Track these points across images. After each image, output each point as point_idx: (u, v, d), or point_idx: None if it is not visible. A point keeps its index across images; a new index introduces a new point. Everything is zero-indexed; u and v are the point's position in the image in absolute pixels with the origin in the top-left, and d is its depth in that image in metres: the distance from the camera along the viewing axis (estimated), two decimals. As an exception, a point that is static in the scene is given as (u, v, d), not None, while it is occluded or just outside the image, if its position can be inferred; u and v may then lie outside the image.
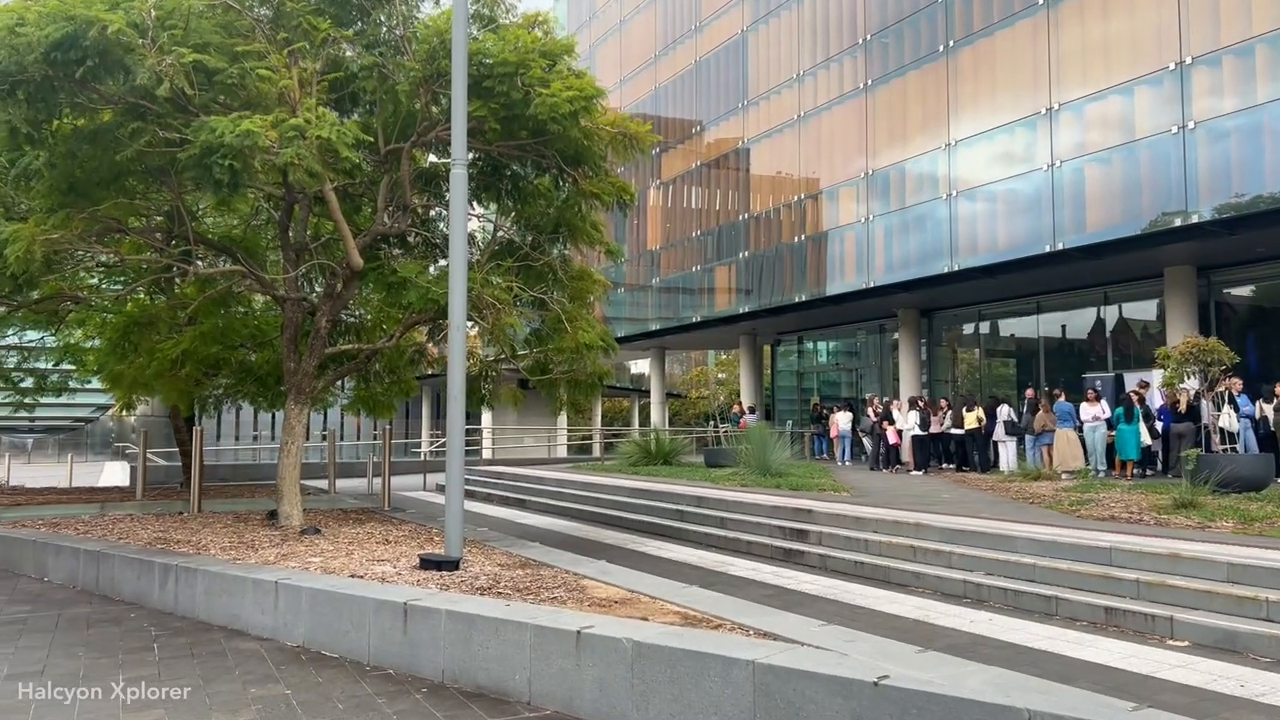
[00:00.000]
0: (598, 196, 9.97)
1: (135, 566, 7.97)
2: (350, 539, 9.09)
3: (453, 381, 7.43)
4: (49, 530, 10.16)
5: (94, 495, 16.27)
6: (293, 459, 10.16)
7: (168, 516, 11.48)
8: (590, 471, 19.05)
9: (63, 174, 8.13)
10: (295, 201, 10.69)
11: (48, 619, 7.26)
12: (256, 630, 6.72)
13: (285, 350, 10.51)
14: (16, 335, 16.04)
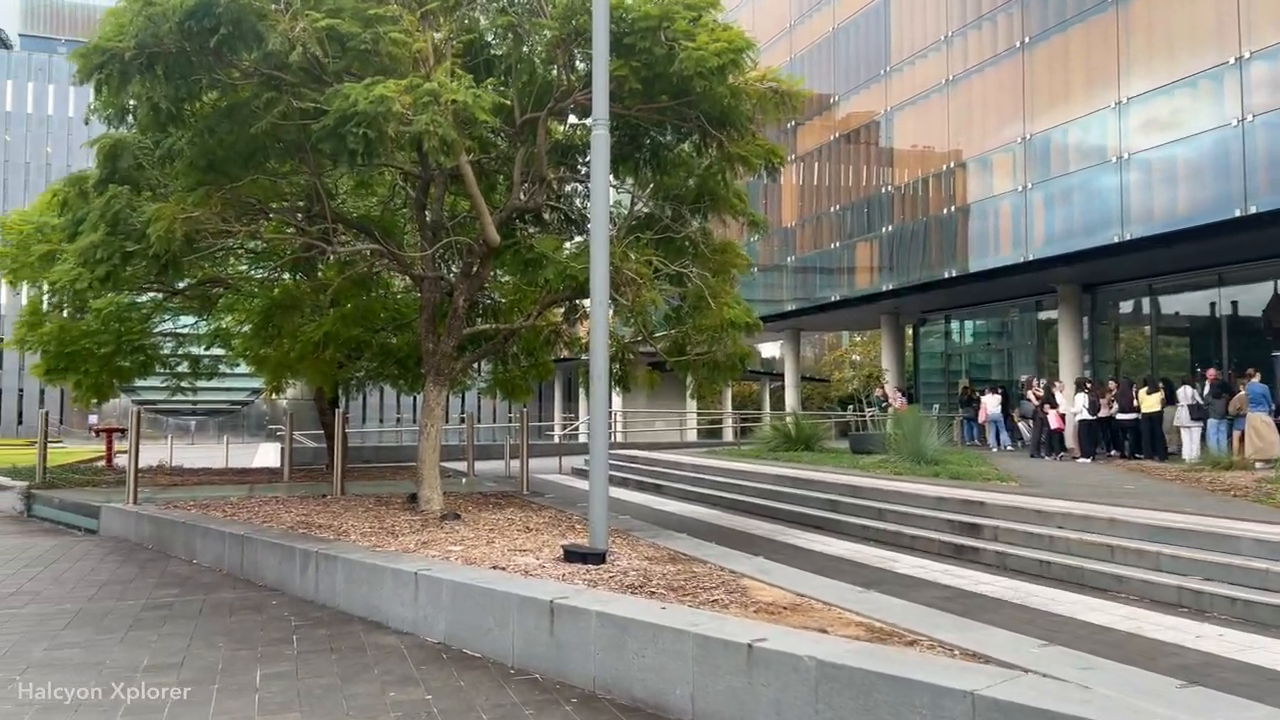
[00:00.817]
0: (745, 159, 9.23)
1: (277, 552, 7.79)
2: (490, 525, 8.71)
3: (595, 361, 6.87)
4: (199, 512, 10.24)
5: (245, 476, 16.68)
6: (432, 442, 9.88)
7: (311, 499, 11.46)
8: (728, 457, 18.36)
9: (201, 151, 8.00)
10: (431, 179, 10.39)
11: (192, 605, 7.12)
12: (396, 623, 6.36)
13: (423, 331, 10.24)
14: (171, 321, 16.55)
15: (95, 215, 8.12)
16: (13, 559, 9.26)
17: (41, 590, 7.65)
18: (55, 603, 7.18)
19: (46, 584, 7.94)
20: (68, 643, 5.95)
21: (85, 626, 6.39)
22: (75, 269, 8.19)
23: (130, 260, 8.17)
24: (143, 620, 6.57)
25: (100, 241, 7.96)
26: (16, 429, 64.18)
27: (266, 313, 11.42)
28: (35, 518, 12.99)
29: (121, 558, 9.32)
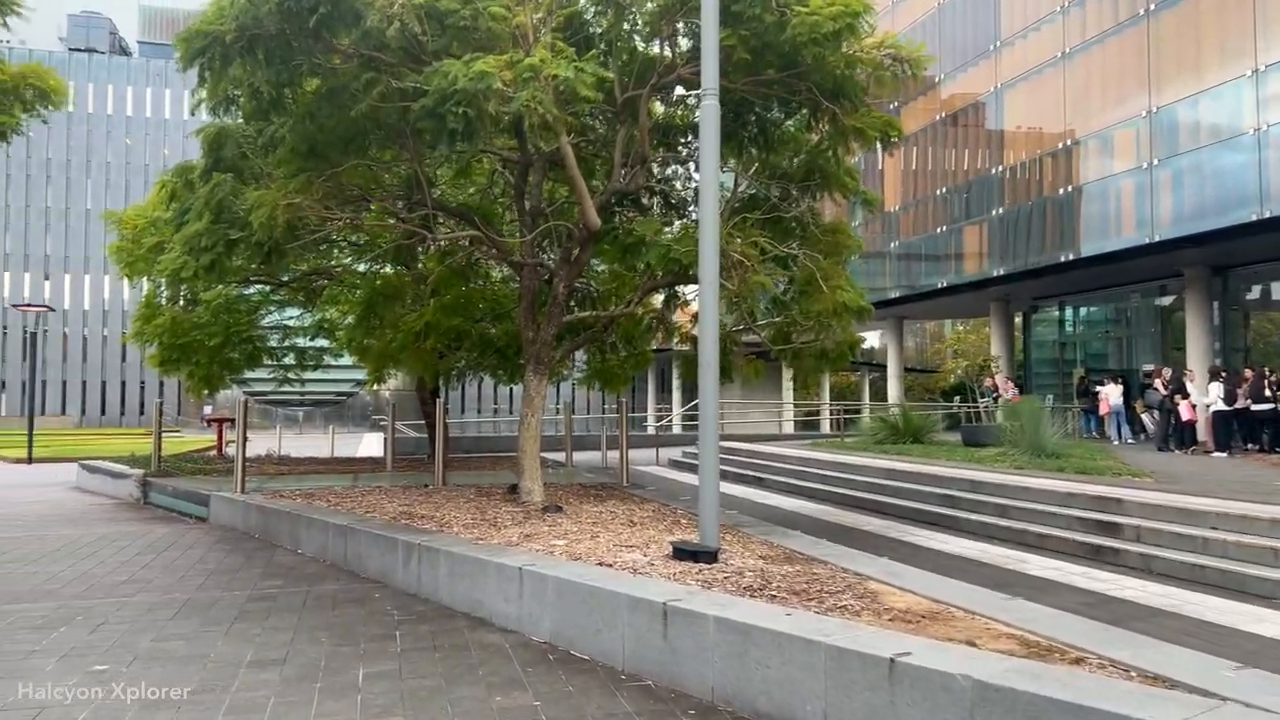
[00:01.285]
0: (861, 132, 8.67)
1: (380, 543, 7.65)
2: (593, 519, 8.42)
3: (705, 347, 6.47)
4: (303, 501, 10.25)
5: (350, 466, 16.87)
6: (533, 432, 9.66)
7: (414, 489, 11.41)
8: (831, 449, 17.73)
9: (302, 137, 7.91)
10: (530, 164, 10.15)
11: (296, 596, 7.03)
12: (500, 620, 6.10)
13: (523, 319, 10.02)
14: (277, 313, 16.84)
15: (200, 204, 8.12)
16: (128, 545, 9.41)
17: (152, 579, 7.69)
18: (164, 591, 7.18)
19: (157, 572, 7.98)
20: (174, 634, 5.88)
21: (192, 617, 6.33)
22: (181, 257, 8.23)
23: (234, 248, 8.15)
24: (248, 612, 6.49)
25: (205, 230, 7.96)
26: (138, 419, 67.49)
27: (369, 302, 11.40)
28: (151, 505, 13.33)
29: (229, 546, 9.38)
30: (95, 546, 9.35)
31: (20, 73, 9.55)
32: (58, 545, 9.44)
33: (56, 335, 67.51)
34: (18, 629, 5.97)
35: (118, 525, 11.15)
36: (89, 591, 7.16)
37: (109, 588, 7.31)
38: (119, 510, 12.93)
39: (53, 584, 7.44)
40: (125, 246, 14.81)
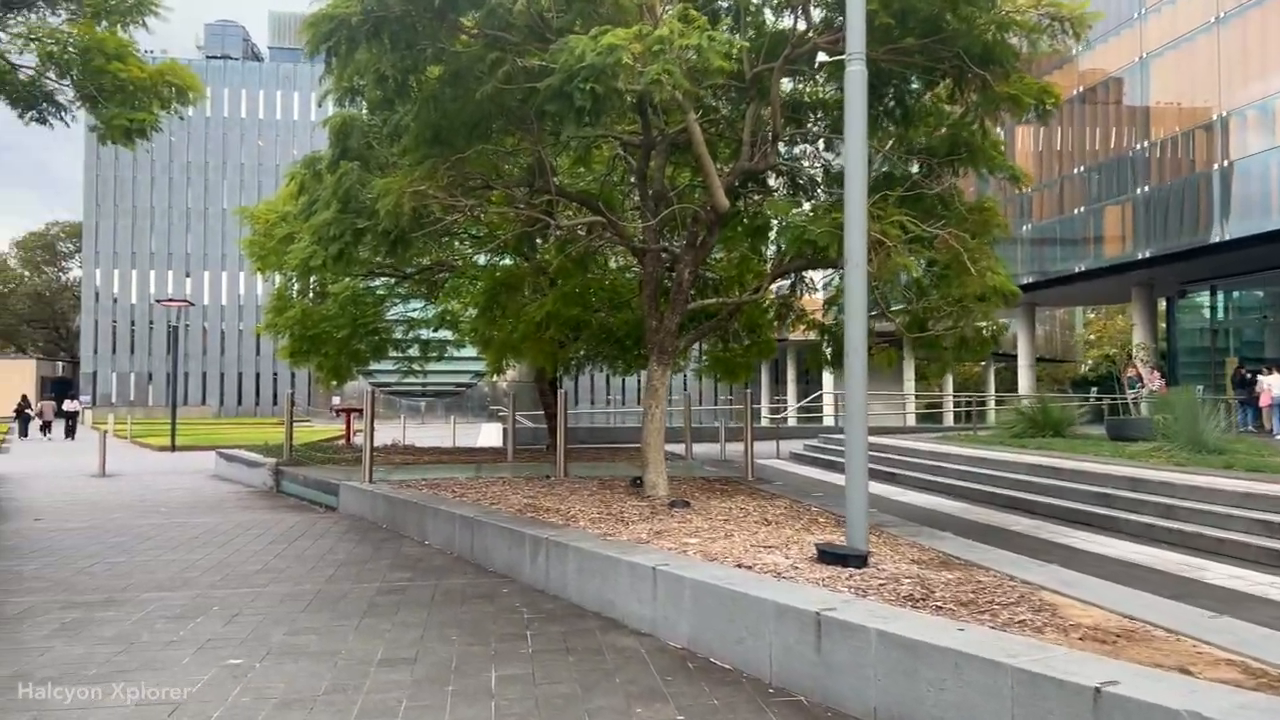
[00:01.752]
0: (1015, 100, 8.00)
1: (506, 537, 7.46)
2: (724, 515, 8.04)
3: (852, 333, 5.99)
4: (429, 492, 10.22)
5: (472, 456, 16.98)
6: (657, 424, 9.34)
7: (536, 481, 11.27)
8: (966, 443, 16.83)
9: (426, 123, 7.78)
10: (653, 146, 9.82)
11: (425, 590, 6.90)
12: (634, 622, 5.79)
13: (645, 308, 9.71)
14: (402, 305, 17.08)
15: (328, 193, 8.11)
16: (262, 534, 9.55)
17: (285, 569, 7.71)
18: (296, 582, 7.17)
19: (289, 562, 8.02)
20: (306, 627, 5.80)
21: (323, 610, 6.25)
22: (310, 247, 8.24)
23: (361, 238, 8.11)
24: (377, 606, 6.38)
25: (332, 219, 7.94)
26: (272, 409, 70.70)
27: (491, 292, 11.31)
28: (283, 493, 13.65)
29: (358, 537, 9.40)
30: (231, 534, 9.52)
31: (158, 71, 9.78)
32: (196, 533, 9.65)
33: (197, 330, 71.34)
34: (157, 618, 6.00)
35: (252, 513, 11.39)
36: (225, 581, 7.21)
37: (244, 577, 7.35)
38: (253, 498, 13.28)
39: (191, 572, 7.54)
40: (257, 241, 15.22)
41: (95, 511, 11.51)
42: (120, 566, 7.74)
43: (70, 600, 6.49)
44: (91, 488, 14.89)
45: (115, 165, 70.95)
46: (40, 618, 6.03)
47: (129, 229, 71.58)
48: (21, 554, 8.42)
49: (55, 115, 11.36)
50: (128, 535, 9.44)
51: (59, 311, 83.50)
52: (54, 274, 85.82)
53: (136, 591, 6.79)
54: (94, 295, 71.72)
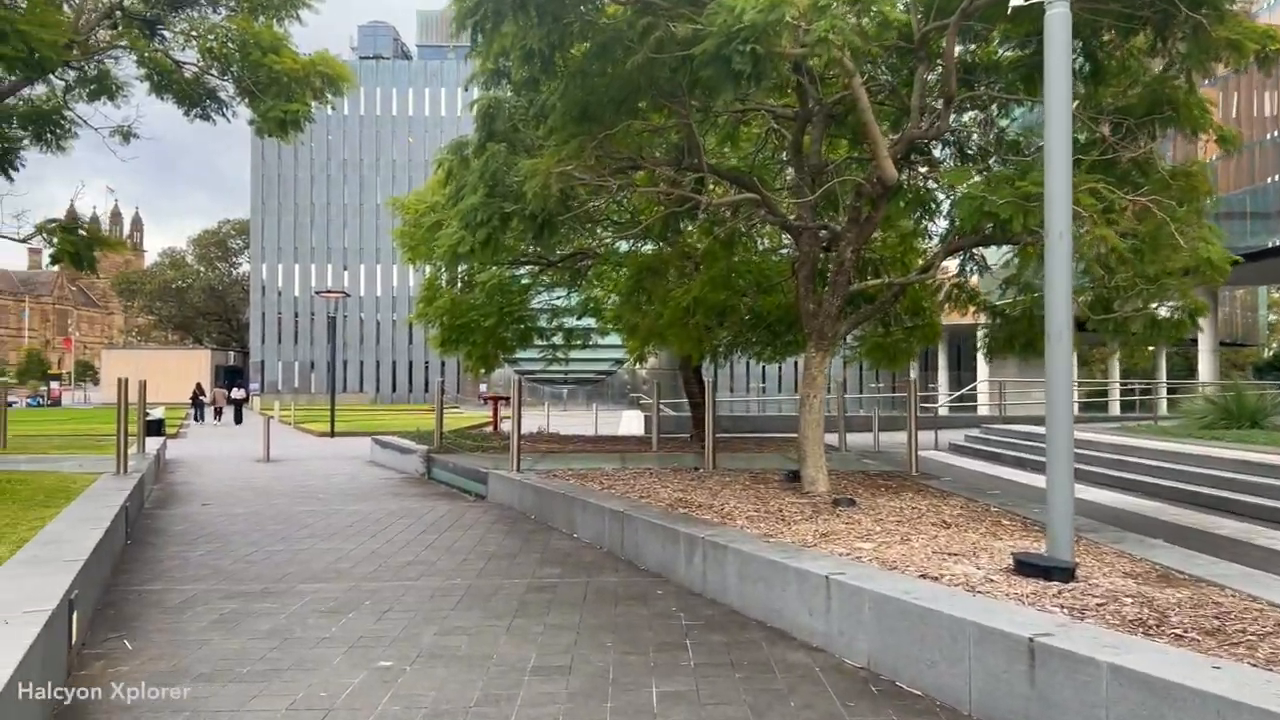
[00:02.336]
0: (1236, 45, 6.96)
1: (659, 534, 7.06)
2: (895, 516, 7.38)
3: (1054, 313, 5.25)
4: (576, 482, 9.97)
5: (615, 445, 16.77)
6: (815, 415, 8.74)
7: (684, 473, 10.86)
8: (1149, 434, 15.39)
9: (573, 100, 7.44)
10: (809, 118, 9.20)
11: (576, 588, 6.58)
12: (803, 635, 5.27)
13: (801, 290, 9.10)
14: (546, 293, 17.03)
15: (474, 177, 7.90)
16: (413, 523, 9.52)
17: (435, 561, 7.56)
18: (446, 576, 6.99)
19: (440, 554, 7.88)
20: (456, 627, 5.55)
21: (473, 608, 6.01)
22: (458, 233, 8.06)
23: (508, 222, 7.87)
24: (527, 605, 6.09)
25: (479, 203, 7.72)
26: (423, 395, 73.41)
27: (636, 277, 10.94)
28: (434, 480, 13.76)
29: (507, 528, 9.23)
30: (384, 523, 9.52)
31: (310, 62, 9.88)
32: (350, 521, 9.72)
33: (354, 320, 74.79)
34: (310, 612, 5.89)
35: (403, 501, 11.46)
36: (377, 573, 7.10)
37: (395, 569, 7.24)
38: (405, 485, 13.43)
39: (344, 563, 7.49)
40: (407, 231, 15.42)
41: (258, 497, 11.85)
42: (278, 555, 7.78)
43: (230, 590, 6.50)
44: (256, 473, 15.48)
45: (279, 164, 75.10)
46: (201, 607, 6.03)
47: (291, 225, 75.67)
48: (189, 539, 8.63)
49: (217, 111, 11.74)
50: (286, 523, 9.59)
51: (230, 304, 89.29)
52: (226, 269, 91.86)
53: (292, 582, 6.75)
54: (261, 288, 76.27)
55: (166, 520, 9.83)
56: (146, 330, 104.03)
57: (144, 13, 10.11)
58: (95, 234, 11.24)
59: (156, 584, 6.73)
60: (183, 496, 12.07)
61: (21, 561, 5.37)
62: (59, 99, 11.40)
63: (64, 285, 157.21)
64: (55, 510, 7.61)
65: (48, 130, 11.59)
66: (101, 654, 5.01)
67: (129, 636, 5.33)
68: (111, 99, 11.66)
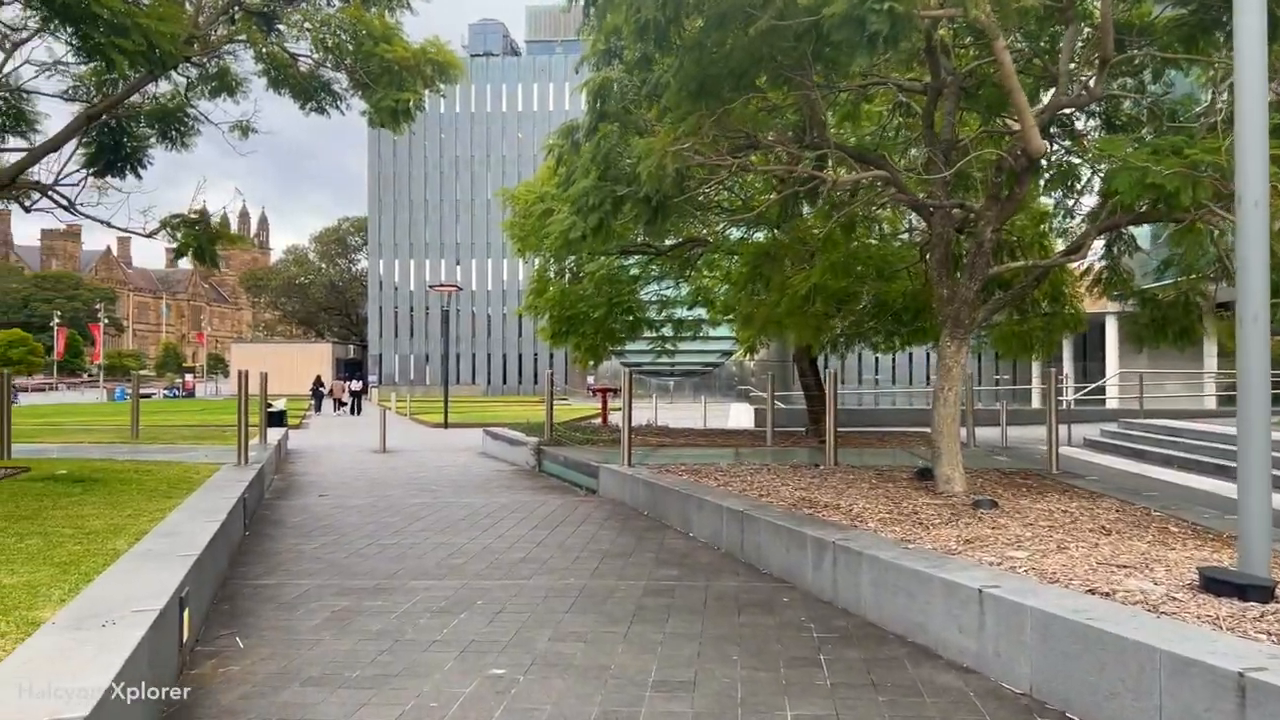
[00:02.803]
0: None
1: (783, 536, 6.61)
2: (1045, 520, 6.72)
3: (1248, 295, 4.56)
4: (691, 479, 9.59)
5: (727, 439, 16.31)
6: (950, 408, 8.11)
7: (804, 469, 10.35)
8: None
9: (688, 75, 7.02)
10: (941, 89, 8.54)
11: (695, 593, 6.19)
12: (951, 653, 4.75)
13: (934, 275, 8.47)
14: (657, 284, 16.70)
15: (586, 160, 7.59)
16: (525, 518, 9.31)
17: (548, 559, 7.30)
18: (560, 575, 6.71)
19: (552, 551, 7.62)
20: (571, 632, 5.24)
21: (588, 612, 5.69)
22: (569, 219, 7.77)
23: (620, 206, 7.52)
24: (645, 610, 5.74)
25: (591, 187, 7.40)
26: (533, 387, 74.41)
27: (753, 264, 10.45)
28: (544, 473, 13.61)
29: (619, 524, 8.92)
30: (496, 518, 9.35)
31: (421, 49, 9.76)
32: (463, 514, 9.58)
33: (467, 314, 76.33)
34: (422, 611, 5.68)
35: (515, 494, 11.31)
36: (489, 570, 6.88)
37: (508, 567, 7.00)
38: (516, 478, 13.32)
39: (457, 558, 7.31)
40: (516, 222, 15.32)
41: (374, 489, 11.90)
42: (391, 550, 7.66)
43: (343, 586, 6.37)
44: (372, 464, 15.67)
45: (394, 163, 77.24)
46: (314, 604, 5.90)
47: (406, 221, 77.72)
48: (306, 531, 8.63)
49: (331, 105, 11.79)
50: (400, 515, 9.52)
51: (350, 299, 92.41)
52: (345, 265, 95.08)
53: (405, 579, 6.59)
54: (378, 284, 78.61)
55: (284, 511, 9.91)
56: (273, 325, 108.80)
57: (261, 7, 10.17)
58: (216, 229, 11.44)
59: (272, 578, 6.67)
60: (301, 487, 12.23)
61: (138, 555, 5.31)
62: (182, 97, 11.64)
63: (198, 283, 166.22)
64: (176, 501, 7.67)
65: (172, 128, 11.86)
66: (214, 652, 4.89)
67: (241, 634, 5.22)
68: (231, 95, 11.85)
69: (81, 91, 10.83)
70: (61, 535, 5.98)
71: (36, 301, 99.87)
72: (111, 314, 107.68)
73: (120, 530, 6.20)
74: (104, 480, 8.91)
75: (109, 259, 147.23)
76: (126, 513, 6.99)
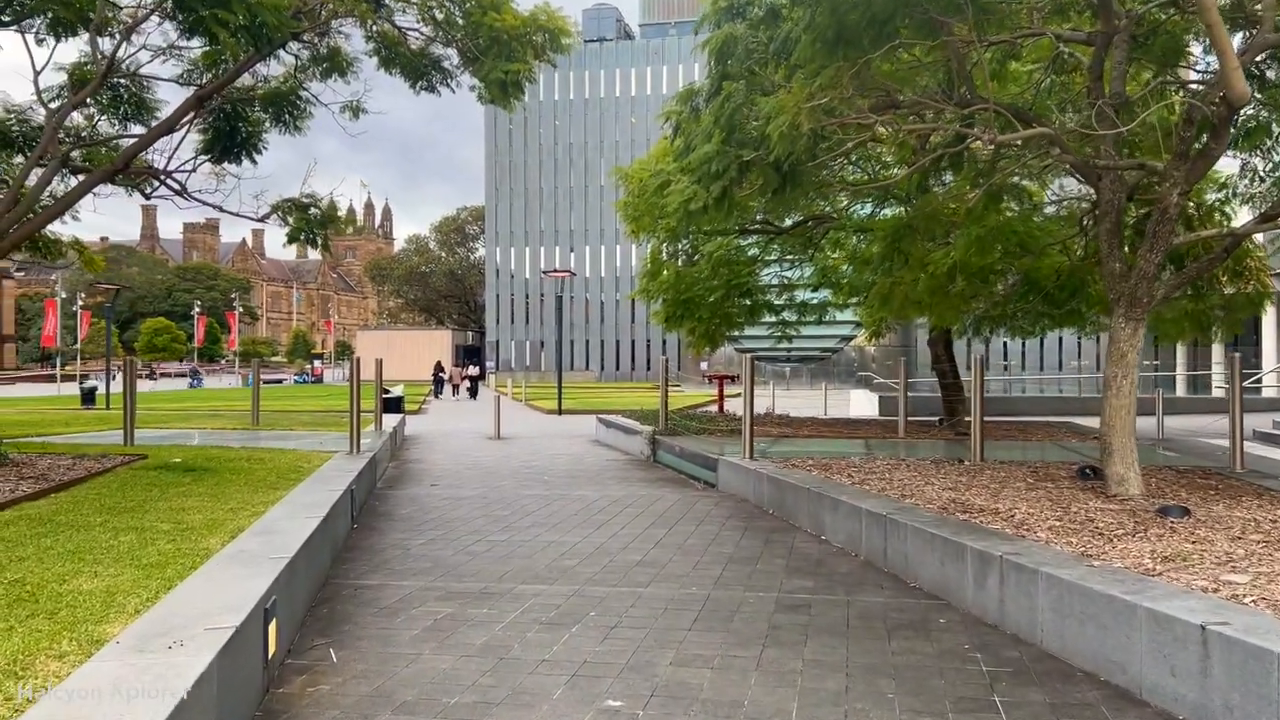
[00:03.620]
0: None
1: (936, 546, 5.79)
2: (1257, 533, 5.67)
3: None
4: (820, 474, 8.81)
5: (854, 429, 15.35)
6: (1126, 400, 7.08)
7: (946, 465, 9.42)
8: None
9: (824, 24, 6.22)
10: (1112, 37, 7.47)
11: (835, 609, 5.45)
12: (1162, 700, 3.88)
13: (1103, 248, 7.43)
14: (778, 264, 15.85)
15: (708, 124, 6.88)
16: (640, 514, 8.73)
17: (667, 562, 6.67)
18: (680, 583, 6.07)
19: (671, 553, 6.99)
20: (696, 655, 4.59)
21: (714, 630, 5.03)
22: (689, 189, 7.07)
23: (746, 172, 6.78)
24: (779, 630, 5.04)
25: (714, 153, 6.69)
26: (645, 374, 74.30)
27: (893, 237, 9.51)
28: (659, 464, 13.03)
29: (742, 524, 8.23)
30: (609, 513, 8.80)
31: (530, 17, 9.25)
32: (576, 508, 9.07)
33: (580, 301, 76.70)
34: (531, 623, 5.14)
35: (629, 486, 10.75)
36: (603, 574, 6.30)
37: (623, 571, 6.41)
38: (630, 468, 12.77)
39: (568, 559, 6.76)
40: (631, 202, 14.72)
41: (486, 479, 11.54)
42: (500, 548, 7.18)
43: (448, 589, 5.90)
44: (486, 451, 15.40)
45: (510, 151, 78.15)
46: (415, 609, 5.44)
47: (522, 209, 78.56)
48: (414, 525, 8.27)
49: (442, 82, 11.43)
50: (511, 509, 9.08)
51: (468, 287, 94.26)
52: (464, 254, 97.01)
53: (513, 582, 6.07)
54: (495, 271, 79.82)
55: (394, 502, 9.61)
56: (396, 313, 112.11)
57: (369, -19, 9.84)
58: (326, 213, 11.24)
59: (374, 577, 6.27)
60: (414, 475, 11.99)
61: (228, 557, 4.93)
62: (295, 78, 11.47)
63: (326, 273, 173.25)
64: (281, 494, 7.38)
65: (285, 111, 11.72)
66: (305, 666, 4.45)
67: (336, 645, 4.78)
68: (343, 76, 11.62)
69: (195, 76, 10.76)
70: (157, 531, 5.69)
71: (179, 291, 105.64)
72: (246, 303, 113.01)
73: (217, 527, 5.89)
74: (214, 470, 8.77)
75: (244, 250, 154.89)
76: (229, 506, 6.71)
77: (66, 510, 6.43)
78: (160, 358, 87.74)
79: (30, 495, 6.97)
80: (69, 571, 4.62)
